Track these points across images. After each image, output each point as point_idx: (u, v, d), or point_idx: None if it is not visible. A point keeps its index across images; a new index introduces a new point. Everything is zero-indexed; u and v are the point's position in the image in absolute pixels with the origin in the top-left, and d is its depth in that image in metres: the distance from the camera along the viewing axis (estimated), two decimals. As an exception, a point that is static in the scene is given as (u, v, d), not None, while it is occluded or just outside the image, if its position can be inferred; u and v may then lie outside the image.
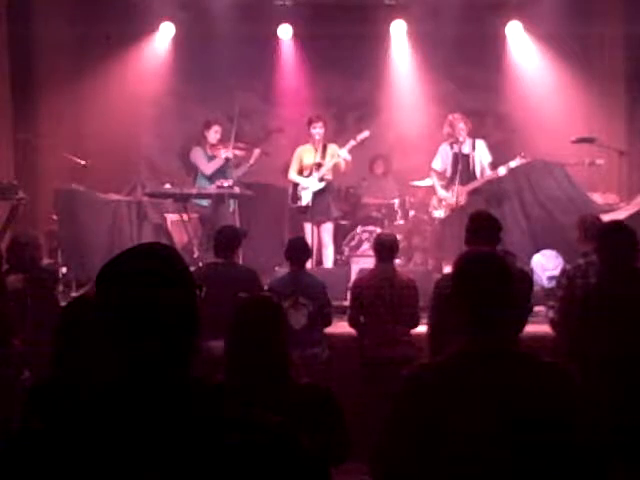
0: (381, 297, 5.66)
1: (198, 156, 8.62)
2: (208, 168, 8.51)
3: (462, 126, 8.04)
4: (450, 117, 8.17)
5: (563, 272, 5.15)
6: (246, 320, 2.82)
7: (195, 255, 8.15)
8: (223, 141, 8.60)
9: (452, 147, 8.16)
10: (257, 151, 8.66)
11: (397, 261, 6.66)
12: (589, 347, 3.93)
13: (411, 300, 5.71)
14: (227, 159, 8.42)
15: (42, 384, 2.92)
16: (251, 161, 8.65)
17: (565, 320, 5.04)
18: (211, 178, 8.46)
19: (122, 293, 1.50)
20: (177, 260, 1.57)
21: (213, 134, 8.61)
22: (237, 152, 8.60)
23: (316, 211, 8.38)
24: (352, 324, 5.90)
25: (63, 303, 5.15)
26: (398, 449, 2.20)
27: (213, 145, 8.60)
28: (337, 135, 9.49)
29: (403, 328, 5.70)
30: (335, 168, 8.45)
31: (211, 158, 8.58)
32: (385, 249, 5.81)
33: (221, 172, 8.50)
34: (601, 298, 4.04)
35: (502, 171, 7.91)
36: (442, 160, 8.30)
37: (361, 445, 2.78)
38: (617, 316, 3.92)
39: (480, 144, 8.17)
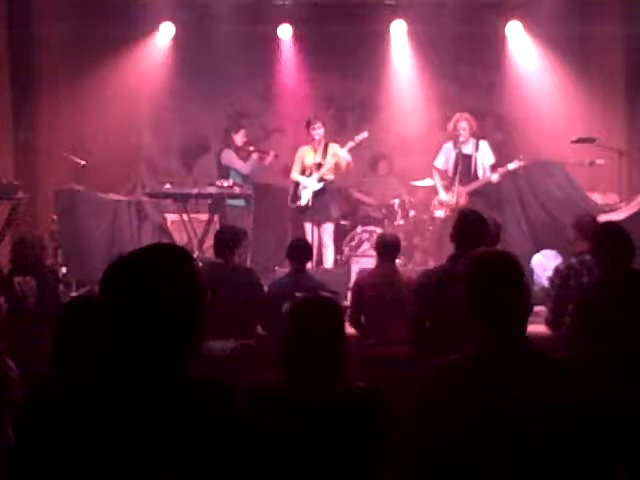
0: (382, 297, 5.65)
1: (232, 158, 8.94)
2: (245, 168, 8.85)
3: (463, 125, 8.03)
4: (457, 115, 8.17)
5: (556, 272, 5.15)
6: (306, 320, 2.80)
7: (195, 255, 8.16)
8: (247, 143, 8.99)
9: (455, 147, 8.16)
10: (272, 153, 8.95)
11: (397, 261, 6.66)
12: (589, 347, 3.93)
13: (412, 300, 5.70)
14: (257, 160, 8.93)
15: (43, 384, 2.93)
16: (265, 163, 8.98)
17: (559, 320, 5.06)
18: (246, 177, 8.82)
19: (127, 292, 1.52)
20: (183, 260, 1.59)
21: (240, 137, 9.01)
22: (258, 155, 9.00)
23: (315, 211, 8.40)
24: (352, 324, 5.90)
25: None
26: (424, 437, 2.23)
27: (240, 147, 8.95)
28: (337, 135, 9.48)
29: (403, 328, 5.69)
30: (336, 168, 8.46)
31: (241, 159, 8.93)
32: (387, 249, 5.80)
33: (235, 171, 8.86)
34: (600, 299, 4.04)
35: (495, 177, 7.93)
36: (445, 159, 8.30)
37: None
38: (616, 317, 3.92)
39: (484, 145, 8.16)
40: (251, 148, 8.92)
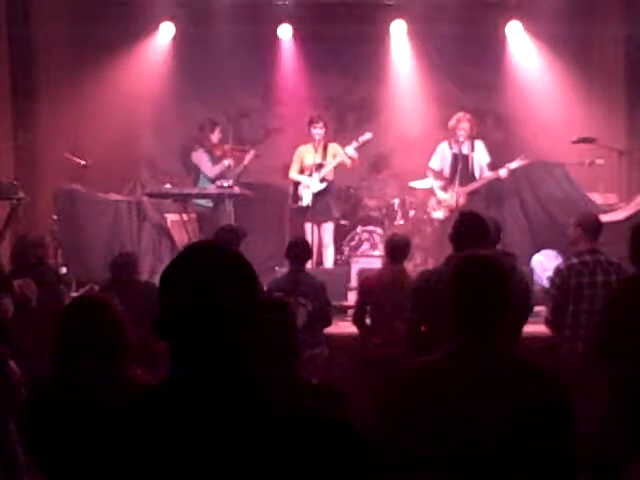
0: (389, 298, 5.63)
1: (202, 158, 8.73)
2: (212, 171, 8.62)
3: (465, 126, 8.01)
4: (460, 114, 8.15)
5: (557, 271, 5.14)
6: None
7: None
8: (222, 142, 8.72)
9: (451, 147, 8.14)
10: (252, 152, 8.75)
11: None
12: (621, 346, 3.92)
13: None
14: (229, 166, 8.60)
15: (43, 383, 2.93)
16: (245, 162, 8.73)
17: (559, 319, 5.06)
18: (214, 180, 8.55)
19: (185, 294, 1.51)
20: (238, 257, 1.60)
21: (217, 135, 8.78)
22: (235, 154, 8.73)
23: (316, 211, 8.40)
24: (356, 322, 5.90)
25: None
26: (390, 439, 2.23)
27: (215, 145, 8.74)
28: (337, 135, 9.49)
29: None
30: (340, 167, 8.44)
31: (214, 159, 8.70)
32: (398, 250, 5.79)
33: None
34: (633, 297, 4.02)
35: (503, 172, 7.91)
36: (440, 159, 8.28)
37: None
38: None
39: (479, 145, 8.15)
40: (227, 147, 8.67)
